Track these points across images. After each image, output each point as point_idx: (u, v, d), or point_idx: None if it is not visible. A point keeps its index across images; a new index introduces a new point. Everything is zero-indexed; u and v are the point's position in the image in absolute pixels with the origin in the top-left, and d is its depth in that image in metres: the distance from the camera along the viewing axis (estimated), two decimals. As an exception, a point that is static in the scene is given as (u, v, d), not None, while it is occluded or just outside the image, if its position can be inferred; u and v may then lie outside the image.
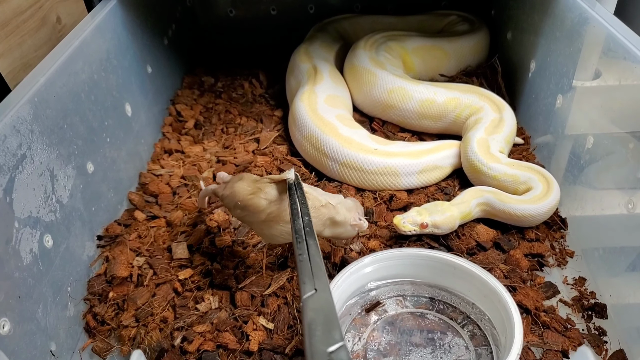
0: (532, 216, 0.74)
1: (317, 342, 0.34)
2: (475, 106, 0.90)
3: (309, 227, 0.52)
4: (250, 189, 0.63)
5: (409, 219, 0.72)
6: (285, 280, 0.69)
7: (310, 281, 0.42)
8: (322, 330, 0.35)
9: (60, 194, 0.66)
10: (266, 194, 0.62)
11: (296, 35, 1.21)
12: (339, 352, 0.33)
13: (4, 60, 0.92)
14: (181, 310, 0.67)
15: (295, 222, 0.53)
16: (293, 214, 0.55)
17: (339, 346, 0.34)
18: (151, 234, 0.79)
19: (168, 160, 0.96)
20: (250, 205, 0.62)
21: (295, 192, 0.59)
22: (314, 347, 0.34)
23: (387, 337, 0.62)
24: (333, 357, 0.33)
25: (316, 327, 0.36)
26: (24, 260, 0.57)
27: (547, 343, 0.60)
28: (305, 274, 0.43)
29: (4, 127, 0.56)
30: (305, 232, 0.51)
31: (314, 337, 0.35)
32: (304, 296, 0.40)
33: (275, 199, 0.62)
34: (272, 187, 0.62)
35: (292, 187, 0.60)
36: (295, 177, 0.61)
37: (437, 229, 0.73)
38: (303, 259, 0.46)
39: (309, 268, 0.44)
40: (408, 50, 1.08)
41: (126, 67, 0.90)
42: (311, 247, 0.48)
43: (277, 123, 1.05)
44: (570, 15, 0.82)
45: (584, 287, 0.69)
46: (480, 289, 0.62)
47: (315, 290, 0.40)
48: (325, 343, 0.34)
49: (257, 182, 0.63)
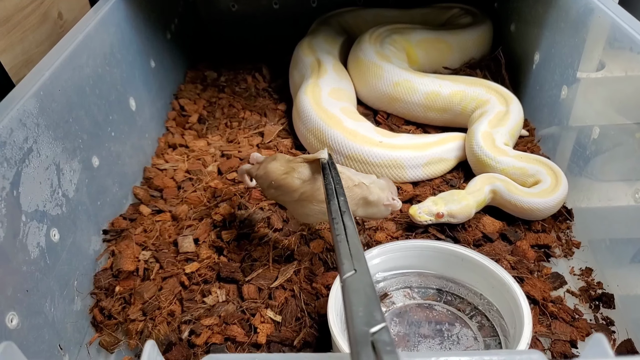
0: (540, 210, 0.74)
1: (359, 323, 0.34)
2: (482, 99, 0.90)
3: (345, 207, 0.51)
4: (283, 169, 0.63)
5: (424, 209, 0.72)
6: (292, 273, 0.69)
7: (349, 262, 0.41)
8: (363, 311, 0.35)
9: (66, 188, 0.66)
10: (299, 173, 0.62)
11: (299, 28, 1.21)
12: (381, 332, 0.33)
13: (6, 56, 0.91)
14: (188, 303, 0.67)
15: (330, 202, 0.53)
16: (328, 194, 0.55)
17: (381, 327, 0.33)
18: (157, 228, 0.78)
19: (172, 154, 0.96)
20: (284, 185, 0.62)
21: (330, 172, 0.59)
22: (356, 328, 0.34)
23: (396, 329, 0.62)
24: (376, 338, 0.33)
25: (358, 308, 0.35)
26: (31, 254, 0.57)
27: (555, 333, 0.60)
28: (343, 254, 0.43)
29: (11, 121, 0.56)
30: (341, 213, 0.50)
31: (356, 319, 0.34)
32: (344, 276, 0.40)
33: (308, 178, 0.62)
34: (305, 167, 0.62)
35: (326, 166, 0.60)
36: (328, 156, 0.62)
37: (453, 218, 0.73)
38: (341, 239, 0.45)
39: (347, 248, 0.43)
40: (412, 43, 1.07)
41: (130, 61, 0.89)
42: (348, 227, 0.47)
43: (281, 117, 1.05)
44: (575, 6, 0.81)
45: (590, 277, 0.69)
46: (488, 279, 0.62)
47: (355, 271, 0.40)
48: (368, 324, 0.34)
49: (290, 162, 0.63)
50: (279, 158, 0.65)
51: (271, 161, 0.65)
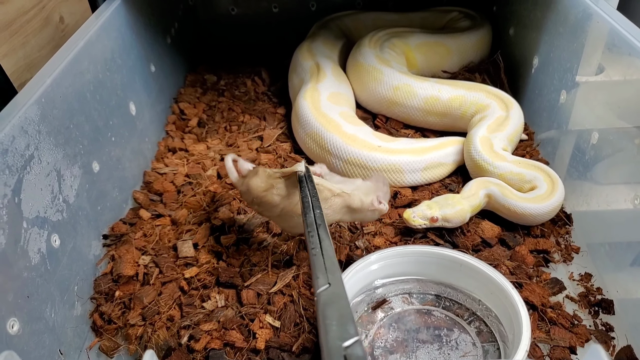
0: (532, 215, 0.74)
1: (332, 337, 0.34)
2: (482, 104, 0.90)
3: (320, 220, 0.52)
4: (263, 186, 0.64)
5: (419, 213, 0.72)
6: (291, 278, 0.70)
7: (324, 275, 0.42)
8: (337, 324, 0.35)
9: (66, 193, 0.66)
10: (278, 189, 0.63)
11: (298, 32, 1.21)
12: (354, 346, 0.33)
13: (8, 60, 0.92)
14: (188, 308, 0.68)
15: (306, 215, 0.53)
16: (304, 207, 0.55)
17: (354, 341, 0.34)
18: (156, 233, 0.79)
19: (172, 158, 0.96)
20: (265, 202, 0.64)
21: (306, 185, 0.59)
22: (329, 343, 0.34)
23: (394, 334, 0.62)
24: (349, 352, 0.33)
25: (331, 322, 0.36)
26: (32, 260, 0.58)
27: (554, 339, 0.61)
28: (318, 268, 0.43)
29: (13, 128, 0.56)
30: (317, 226, 0.50)
31: (329, 333, 0.35)
32: (318, 290, 0.40)
33: (285, 194, 0.63)
34: (282, 182, 0.63)
35: (303, 180, 0.60)
36: (305, 169, 0.62)
37: (447, 222, 0.73)
38: (316, 252, 0.46)
39: (322, 262, 0.44)
40: (411, 47, 1.08)
41: (130, 66, 0.90)
42: (323, 240, 0.47)
43: (280, 120, 1.05)
44: (574, 11, 0.81)
45: (590, 283, 0.69)
46: (487, 285, 0.62)
47: (329, 285, 0.40)
48: (341, 338, 0.34)
49: (270, 178, 0.64)
50: (260, 173, 0.65)
51: (252, 176, 0.65)
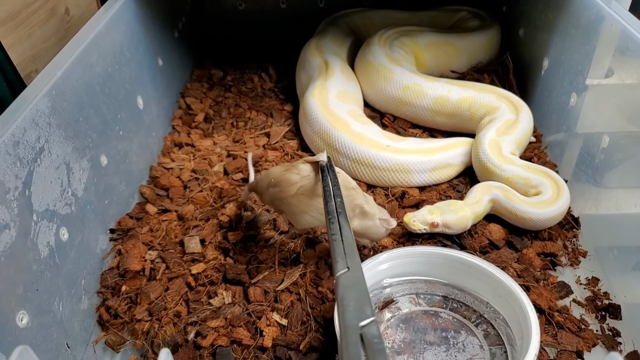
0: (533, 220, 0.73)
1: (349, 317, 0.36)
2: (491, 106, 0.89)
3: (341, 208, 0.54)
4: (283, 168, 0.65)
5: (419, 218, 0.72)
6: (298, 276, 0.69)
7: (343, 260, 0.44)
8: (354, 306, 0.37)
9: (75, 187, 0.66)
10: (299, 170, 0.64)
11: (306, 28, 1.21)
12: (370, 326, 0.35)
13: (14, 51, 0.91)
14: (194, 305, 0.68)
15: (327, 203, 0.55)
16: (325, 195, 0.57)
17: (370, 321, 0.36)
18: (163, 228, 0.79)
19: (178, 153, 0.96)
20: (283, 180, 0.64)
21: (328, 174, 0.60)
22: (347, 322, 0.36)
23: (402, 335, 0.62)
24: (365, 331, 0.35)
25: (348, 303, 0.38)
26: (41, 253, 0.57)
27: (562, 343, 0.61)
28: (338, 253, 0.45)
29: (24, 120, 0.56)
30: (337, 213, 0.53)
31: (346, 312, 0.37)
32: (337, 274, 0.42)
33: (307, 174, 0.63)
34: (306, 165, 0.64)
35: (325, 169, 0.61)
36: (327, 159, 0.63)
37: (448, 228, 0.72)
38: (336, 238, 0.48)
39: (342, 247, 0.46)
40: (420, 46, 1.07)
41: (138, 59, 0.89)
42: (344, 227, 0.50)
43: (287, 117, 1.05)
44: (587, 13, 0.81)
45: (597, 287, 0.69)
46: (495, 288, 0.62)
47: (348, 269, 0.42)
48: (358, 318, 0.36)
49: (290, 163, 0.66)
50: (279, 165, 0.68)
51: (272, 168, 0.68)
